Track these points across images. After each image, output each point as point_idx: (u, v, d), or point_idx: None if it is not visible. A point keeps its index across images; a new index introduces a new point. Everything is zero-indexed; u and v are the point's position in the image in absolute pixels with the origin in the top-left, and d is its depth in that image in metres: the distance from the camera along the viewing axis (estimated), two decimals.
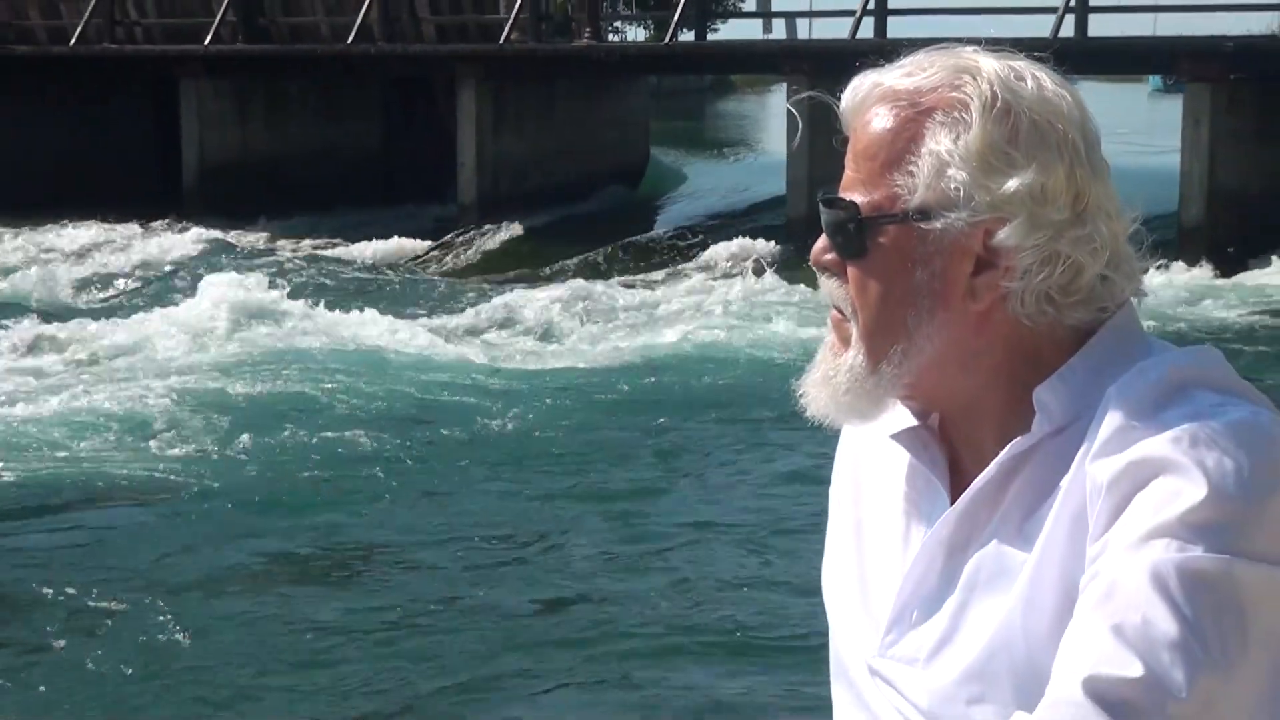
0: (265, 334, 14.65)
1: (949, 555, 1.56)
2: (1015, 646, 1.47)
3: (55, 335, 14.60)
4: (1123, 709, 1.29)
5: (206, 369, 12.97)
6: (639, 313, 16.29)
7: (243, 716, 6.48)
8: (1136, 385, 1.45)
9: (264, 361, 13.27)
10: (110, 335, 14.67)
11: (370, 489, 9.70)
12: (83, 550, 8.59)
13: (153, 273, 19.46)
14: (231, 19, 24.61)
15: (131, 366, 13.23)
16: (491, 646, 7.20)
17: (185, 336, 14.51)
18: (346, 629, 7.43)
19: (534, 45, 22.86)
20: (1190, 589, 1.33)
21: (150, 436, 10.77)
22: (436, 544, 8.75)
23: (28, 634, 7.34)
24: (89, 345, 14.28)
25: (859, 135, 1.56)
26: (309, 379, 12.60)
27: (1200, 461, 1.37)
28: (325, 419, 11.30)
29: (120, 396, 11.76)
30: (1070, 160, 1.50)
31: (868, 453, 1.70)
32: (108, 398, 11.68)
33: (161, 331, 14.75)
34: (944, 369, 1.55)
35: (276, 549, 8.65)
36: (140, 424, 11.05)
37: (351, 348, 13.96)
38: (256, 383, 12.36)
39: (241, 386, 12.21)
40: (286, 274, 18.44)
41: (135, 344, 14.34)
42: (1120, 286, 1.53)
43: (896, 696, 1.58)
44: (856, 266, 1.56)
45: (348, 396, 12.01)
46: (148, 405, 11.52)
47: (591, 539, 8.86)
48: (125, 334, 14.69)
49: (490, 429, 11.20)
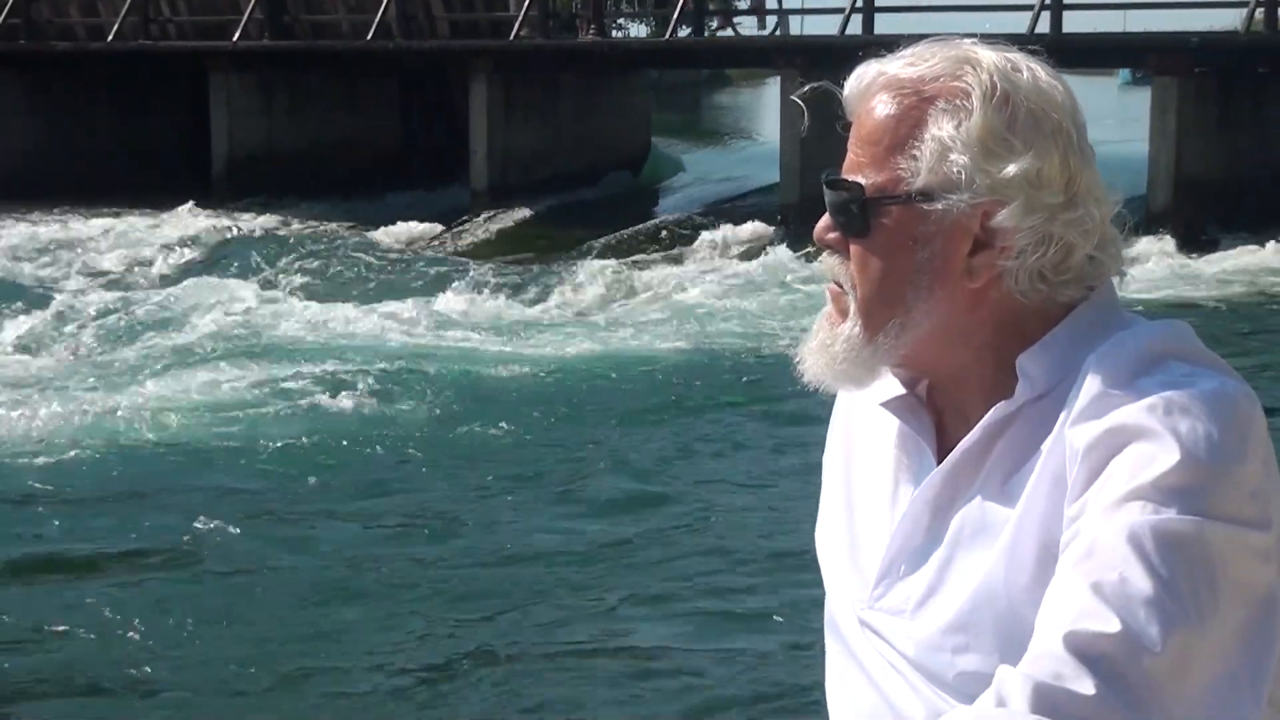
0: (286, 312, 14.62)
1: (935, 513, 1.56)
2: (998, 598, 1.47)
3: (79, 317, 14.50)
4: (1101, 662, 1.29)
5: (233, 349, 12.96)
6: (640, 292, 16.29)
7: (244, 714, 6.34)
8: (1114, 355, 1.46)
9: (282, 340, 13.26)
10: (142, 314, 14.64)
11: (381, 463, 9.68)
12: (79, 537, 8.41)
13: (182, 256, 19.41)
14: (258, 16, 24.58)
15: (161, 346, 13.21)
16: (508, 616, 7.18)
17: (214, 316, 14.49)
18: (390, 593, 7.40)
19: (542, 41, 22.86)
20: (1164, 549, 1.33)
21: (170, 414, 10.72)
22: (445, 520, 8.72)
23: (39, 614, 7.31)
24: (118, 325, 14.23)
25: (863, 121, 1.56)
26: (328, 356, 12.59)
27: (1173, 428, 1.38)
28: (344, 396, 11.27)
29: (149, 373, 11.75)
30: (1064, 147, 1.51)
31: (859, 420, 1.70)
32: (138, 373, 11.67)
33: (191, 310, 14.73)
34: (938, 342, 1.55)
35: (290, 532, 8.53)
36: (162, 402, 11.03)
37: (370, 325, 13.94)
38: (276, 359, 12.35)
39: (261, 364, 12.20)
40: (308, 256, 18.42)
41: (166, 324, 14.33)
42: (1106, 266, 1.54)
43: (885, 646, 1.58)
44: (859, 244, 1.56)
45: (367, 373, 12.00)
46: (171, 382, 11.51)
47: (591, 508, 8.83)
48: (158, 313, 14.67)
49: (499, 398, 11.19)
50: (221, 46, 24.19)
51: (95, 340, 13.64)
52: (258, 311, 14.74)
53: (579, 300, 15.85)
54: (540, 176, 22.23)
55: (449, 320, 14.52)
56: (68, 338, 13.73)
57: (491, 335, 13.88)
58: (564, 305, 15.60)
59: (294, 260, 17.96)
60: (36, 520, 8.43)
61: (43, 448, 9.72)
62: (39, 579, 7.65)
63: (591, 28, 23.68)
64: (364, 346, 12.94)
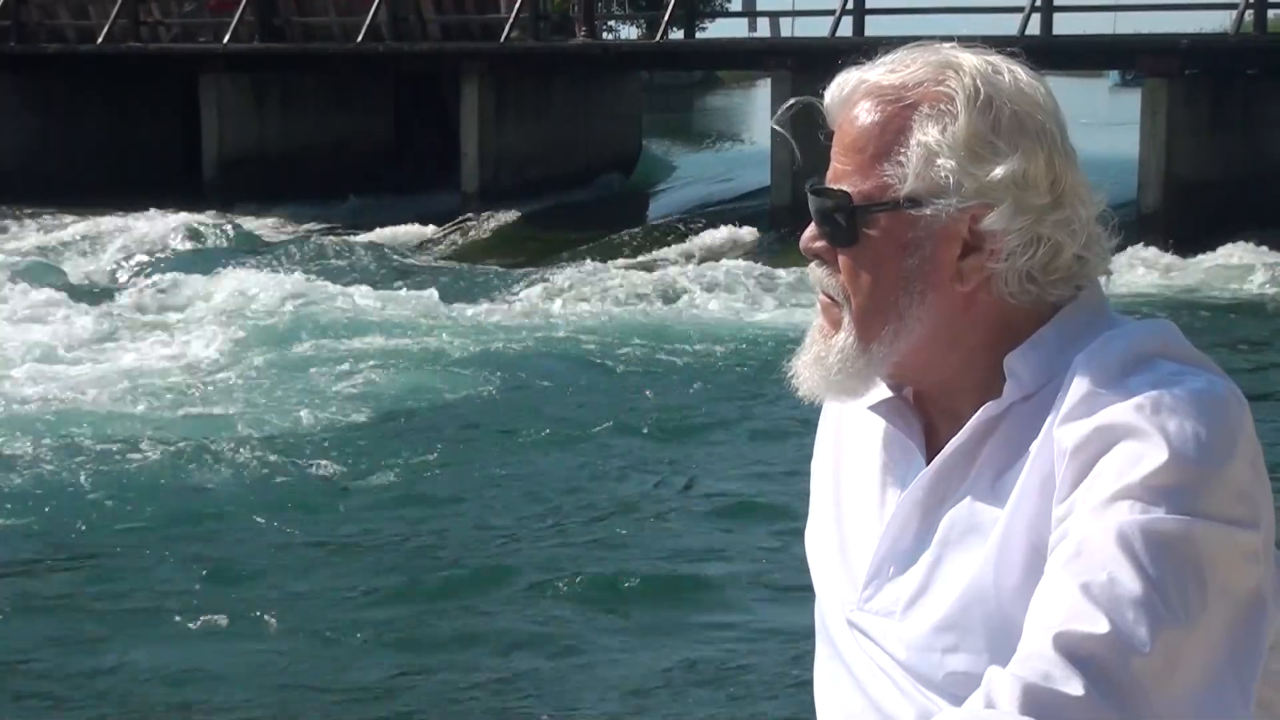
0: (278, 313, 14.61)
1: (924, 514, 1.56)
2: (987, 599, 1.47)
3: (70, 320, 14.47)
4: (1090, 663, 1.29)
5: (225, 350, 12.94)
6: (632, 294, 16.28)
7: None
8: (1102, 354, 1.46)
9: (275, 340, 13.24)
10: (132, 315, 14.63)
11: (371, 464, 9.67)
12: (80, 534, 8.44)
13: (172, 258, 19.35)
14: (249, 19, 24.57)
15: (152, 347, 13.19)
16: (518, 612, 7.18)
17: (204, 318, 14.47)
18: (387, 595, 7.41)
19: (533, 43, 22.85)
20: (1153, 549, 1.33)
21: (166, 414, 10.71)
22: (441, 521, 8.72)
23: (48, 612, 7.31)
24: (107, 328, 14.20)
25: (846, 129, 1.56)
26: (321, 357, 12.58)
27: (1161, 428, 1.38)
28: (335, 396, 11.28)
29: (136, 373, 11.73)
30: (1049, 147, 1.51)
31: (848, 423, 1.70)
32: (124, 374, 11.65)
33: (180, 312, 14.72)
34: (930, 347, 1.55)
35: (290, 531, 8.56)
36: (158, 400, 11.02)
37: (362, 325, 13.92)
38: (268, 359, 12.34)
39: (253, 364, 12.19)
40: (300, 258, 18.41)
41: (154, 324, 14.31)
42: (1094, 265, 1.54)
43: (874, 648, 1.58)
44: (848, 254, 1.56)
45: (355, 376, 11.99)
46: (166, 382, 11.49)
47: (585, 511, 8.82)
48: (146, 314, 14.65)
49: (491, 402, 11.19)
50: (213, 48, 24.19)
51: (82, 341, 13.61)
52: (247, 313, 14.71)
53: (570, 302, 15.84)
54: (532, 178, 22.22)
55: (440, 322, 14.50)
56: (55, 338, 13.69)
57: (482, 337, 13.86)
58: (555, 307, 15.58)
59: (284, 263, 17.93)
60: (36, 522, 8.41)
61: (34, 448, 9.68)
62: (40, 579, 7.65)
63: (583, 30, 23.70)
64: (354, 349, 12.91)
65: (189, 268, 18.31)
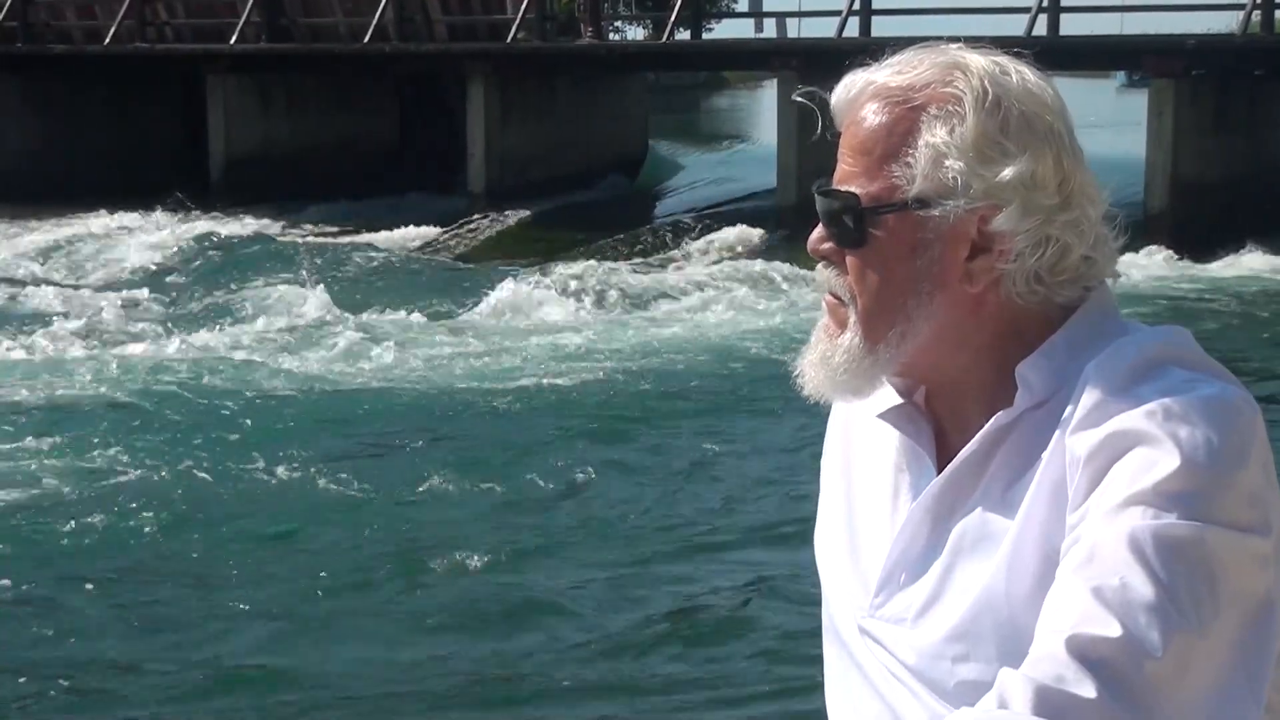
0: (281, 314, 14.62)
1: (935, 522, 1.56)
2: (998, 607, 1.47)
3: (74, 318, 14.48)
4: (1102, 666, 1.29)
5: (226, 350, 12.95)
6: (638, 295, 16.28)
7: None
8: (1113, 362, 1.46)
9: (280, 341, 13.25)
10: (137, 315, 14.64)
11: (374, 464, 9.68)
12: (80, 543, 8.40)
13: (177, 259, 19.39)
14: (255, 20, 24.59)
15: (158, 346, 13.20)
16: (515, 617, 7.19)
17: (209, 317, 14.49)
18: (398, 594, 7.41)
19: (539, 44, 22.85)
20: (1165, 554, 1.33)
21: (167, 414, 10.71)
22: (444, 521, 8.72)
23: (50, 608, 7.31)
24: (111, 329, 14.21)
25: (853, 131, 1.55)
26: (325, 358, 12.58)
27: (1174, 434, 1.38)
28: (338, 397, 11.28)
29: (140, 373, 11.73)
30: (1057, 148, 1.51)
31: (857, 427, 1.70)
32: (131, 373, 11.66)
33: (186, 312, 14.73)
34: (938, 348, 1.55)
35: (290, 531, 8.54)
36: (162, 400, 11.02)
37: (368, 327, 13.94)
38: (274, 362, 12.35)
39: (258, 365, 12.19)
40: (306, 258, 18.41)
41: (161, 326, 14.32)
42: (1101, 266, 1.54)
43: (885, 655, 1.57)
44: (856, 255, 1.55)
45: (362, 376, 12.00)
46: (170, 382, 11.50)
47: (585, 511, 8.82)
48: (152, 315, 14.66)
49: (495, 399, 11.19)
50: (219, 49, 24.20)
51: (88, 342, 13.63)
52: (252, 314, 14.73)
53: (576, 303, 15.84)
54: (538, 179, 22.23)
55: (446, 322, 14.51)
56: (60, 339, 13.70)
57: (488, 337, 13.87)
58: (561, 308, 15.58)
59: (290, 263, 17.93)
60: (36, 525, 8.42)
61: (37, 447, 9.70)
62: (38, 580, 7.65)
63: (589, 30, 23.71)
64: (360, 349, 12.93)
65: (194, 269, 18.34)
